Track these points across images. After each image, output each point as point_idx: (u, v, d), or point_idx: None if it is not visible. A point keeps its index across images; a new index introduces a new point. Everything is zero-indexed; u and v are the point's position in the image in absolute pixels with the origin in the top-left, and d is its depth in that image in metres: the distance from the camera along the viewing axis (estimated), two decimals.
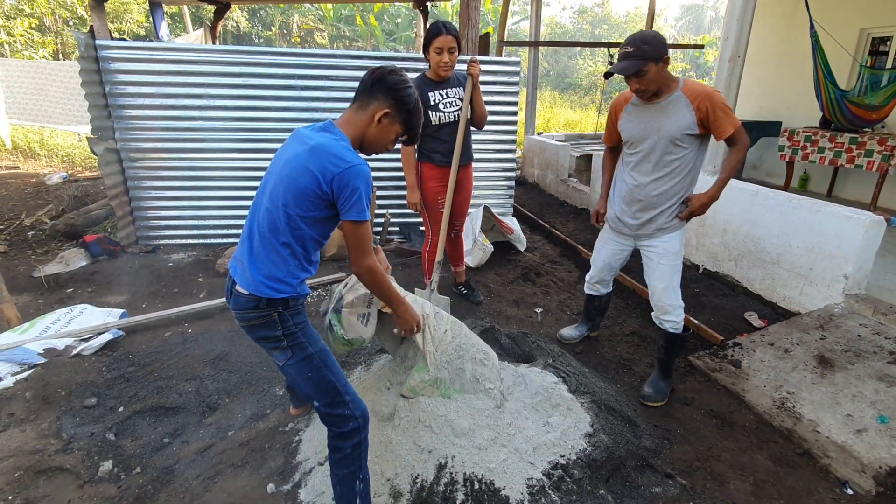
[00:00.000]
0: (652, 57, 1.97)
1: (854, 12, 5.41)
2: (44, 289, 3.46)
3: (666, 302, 2.32)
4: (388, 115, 1.49)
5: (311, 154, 1.39)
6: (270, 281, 1.45)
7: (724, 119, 2.06)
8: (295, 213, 1.41)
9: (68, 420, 2.18)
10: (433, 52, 2.71)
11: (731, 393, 2.50)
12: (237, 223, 4.37)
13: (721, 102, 2.06)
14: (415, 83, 2.71)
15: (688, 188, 2.25)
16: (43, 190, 6.27)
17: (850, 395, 2.27)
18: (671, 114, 2.13)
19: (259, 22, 20.71)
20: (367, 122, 1.49)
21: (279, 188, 1.42)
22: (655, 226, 2.30)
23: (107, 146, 3.92)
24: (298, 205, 1.40)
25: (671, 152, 2.18)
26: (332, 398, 1.53)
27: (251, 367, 2.61)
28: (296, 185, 1.39)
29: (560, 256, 4.42)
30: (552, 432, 1.94)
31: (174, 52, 3.96)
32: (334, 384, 1.53)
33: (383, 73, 1.49)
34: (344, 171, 1.36)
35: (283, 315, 1.49)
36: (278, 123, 4.20)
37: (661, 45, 2.00)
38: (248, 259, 1.48)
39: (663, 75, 2.06)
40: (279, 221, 1.42)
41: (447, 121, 2.85)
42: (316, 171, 1.37)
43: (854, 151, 4.79)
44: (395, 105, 1.49)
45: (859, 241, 2.86)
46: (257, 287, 1.44)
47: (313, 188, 1.38)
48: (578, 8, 28.59)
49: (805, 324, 2.87)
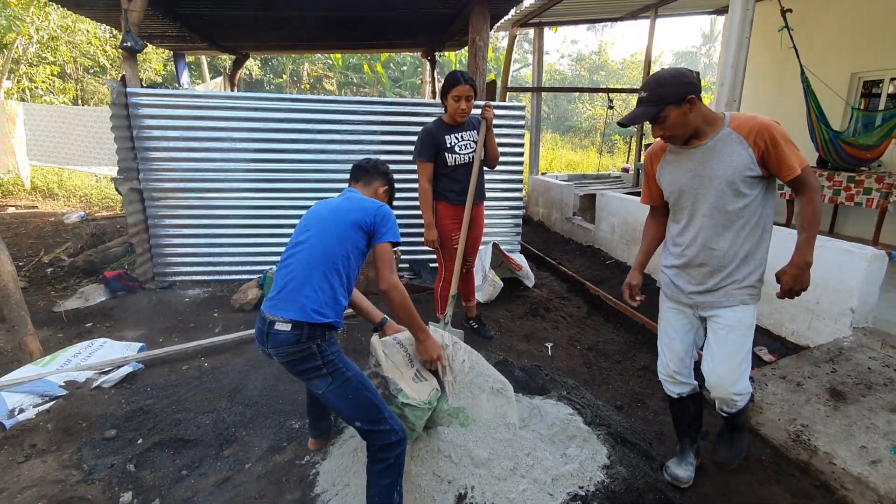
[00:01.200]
0: (670, 100, 1.66)
1: (845, 57, 5.69)
2: (64, 323, 3.53)
3: (731, 391, 1.82)
4: (385, 190, 2.14)
5: (351, 202, 1.89)
6: (319, 306, 1.66)
7: (788, 155, 1.66)
8: (347, 244, 1.77)
9: (89, 451, 2.20)
10: (451, 100, 2.87)
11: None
12: (252, 260, 4.48)
13: (782, 135, 1.66)
14: (431, 127, 2.90)
15: (758, 244, 1.83)
16: (61, 229, 6.44)
17: (864, 427, 2.28)
18: (723, 155, 1.73)
19: (271, 70, 21.66)
20: (372, 194, 2.07)
21: (332, 228, 1.79)
22: (723, 293, 1.84)
23: (131, 186, 4.09)
24: (350, 237, 1.78)
25: (731, 202, 1.76)
26: (374, 416, 1.67)
27: (267, 401, 2.64)
28: (350, 221, 1.80)
29: (568, 292, 4.48)
30: (570, 463, 1.95)
31: (198, 99, 4.20)
32: (374, 402, 1.69)
33: (377, 163, 2.14)
34: (380, 207, 1.87)
35: (321, 346, 1.67)
36: (294, 164, 4.39)
37: (681, 84, 1.66)
38: (298, 291, 1.68)
39: (695, 116, 1.70)
40: (334, 253, 1.74)
41: (462, 162, 3.00)
42: (362, 210, 1.84)
43: (852, 189, 4.92)
44: (389, 183, 2.15)
45: (862, 274, 2.93)
46: (308, 314, 1.63)
47: (363, 220, 1.81)
48: (576, 56, 29.83)
49: (815, 357, 2.90)
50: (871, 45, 5.44)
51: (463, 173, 3.00)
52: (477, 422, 1.97)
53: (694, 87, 1.67)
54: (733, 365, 1.81)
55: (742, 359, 1.82)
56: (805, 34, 5.85)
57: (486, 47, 4.66)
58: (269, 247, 4.50)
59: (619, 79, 25.38)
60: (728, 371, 1.82)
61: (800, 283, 1.75)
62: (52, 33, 11.22)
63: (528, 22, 7.33)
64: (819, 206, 1.71)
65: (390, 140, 4.54)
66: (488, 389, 2.03)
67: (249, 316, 3.73)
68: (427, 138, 2.94)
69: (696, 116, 1.71)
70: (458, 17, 5.25)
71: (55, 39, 11.63)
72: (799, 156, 1.67)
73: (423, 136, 2.96)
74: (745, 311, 1.83)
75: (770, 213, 1.82)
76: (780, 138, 1.66)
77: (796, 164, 1.66)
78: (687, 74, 1.68)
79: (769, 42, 5.62)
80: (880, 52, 5.36)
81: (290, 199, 4.45)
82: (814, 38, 5.84)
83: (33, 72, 12.05)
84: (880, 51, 5.35)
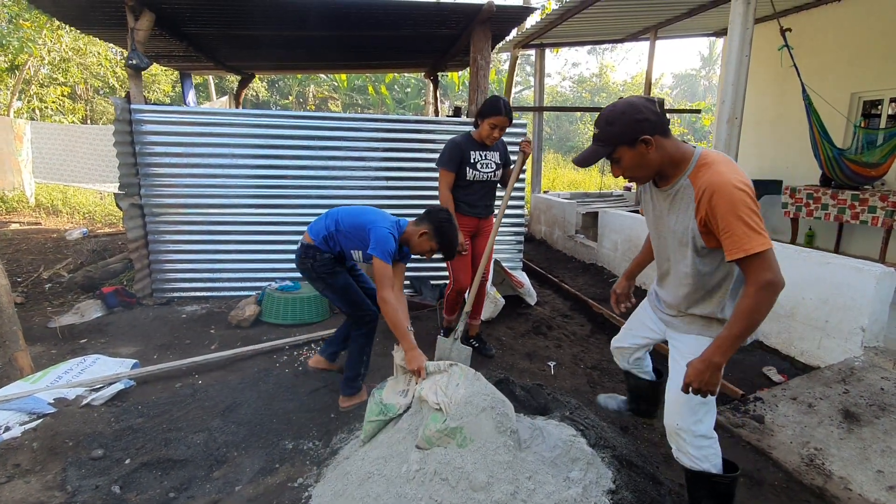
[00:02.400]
0: (622, 141, 1.42)
1: (844, 77, 5.71)
2: (58, 339, 3.48)
3: (674, 422, 1.59)
4: (425, 234, 2.40)
5: (379, 215, 2.48)
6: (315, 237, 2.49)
7: (733, 230, 1.31)
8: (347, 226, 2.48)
9: (74, 472, 2.12)
10: (487, 125, 2.95)
11: (756, 450, 2.40)
12: (251, 276, 4.44)
13: (733, 203, 1.31)
14: (460, 140, 3.03)
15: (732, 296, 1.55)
16: (63, 245, 6.44)
17: (879, 450, 2.18)
18: (678, 209, 1.50)
19: (277, 91, 22.02)
20: (414, 233, 2.41)
21: (354, 213, 2.51)
22: (688, 319, 1.65)
23: (132, 201, 4.09)
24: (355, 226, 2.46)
25: (684, 263, 1.54)
26: (353, 306, 2.56)
27: (260, 420, 2.57)
28: (361, 221, 2.43)
29: (570, 310, 4.41)
30: (573, 488, 1.86)
31: (201, 115, 4.22)
32: (353, 299, 2.54)
33: (434, 209, 2.45)
34: (377, 227, 2.35)
35: (314, 263, 2.47)
36: (295, 181, 4.38)
37: (632, 122, 1.40)
38: (310, 227, 2.54)
39: (655, 156, 1.44)
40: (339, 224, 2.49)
41: (480, 178, 3.10)
42: (371, 222, 2.40)
43: (857, 208, 4.88)
44: (433, 230, 2.39)
45: (872, 292, 2.86)
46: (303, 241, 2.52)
47: (364, 224, 2.41)
48: (578, 78, 30.25)
49: (827, 377, 2.81)
50: (870, 66, 5.47)
51: (478, 188, 3.12)
52: (475, 441, 1.89)
53: (649, 125, 1.39)
54: (680, 400, 1.57)
55: (690, 396, 1.51)
56: (805, 55, 5.89)
57: (488, 65, 4.70)
58: (270, 263, 4.46)
59: None
60: (673, 400, 1.61)
61: (702, 381, 1.42)
62: (64, 55, 11.45)
63: (530, 43, 7.43)
64: (759, 307, 1.33)
65: (391, 157, 4.54)
66: (489, 409, 1.95)
67: (247, 333, 3.67)
68: (455, 149, 3.02)
69: (657, 156, 1.44)
70: (460, 38, 5.32)
71: (66, 61, 11.87)
72: (753, 235, 1.29)
73: (450, 146, 3.04)
74: (702, 341, 1.54)
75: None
76: (728, 207, 1.31)
77: (739, 248, 1.31)
78: (642, 110, 1.40)
79: (771, 59, 5.66)
80: (879, 73, 5.38)
81: (290, 215, 4.43)
82: (813, 59, 5.89)
83: (44, 92, 12.27)
84: (879, 71, 5.38)
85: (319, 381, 2.97)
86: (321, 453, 2.30)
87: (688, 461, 1.62)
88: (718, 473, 1.61)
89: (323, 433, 2.47)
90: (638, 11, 6.33)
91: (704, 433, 1.57)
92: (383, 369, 3.07)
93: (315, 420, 2.58)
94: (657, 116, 1.41)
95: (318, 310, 3.91)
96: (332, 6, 4.39)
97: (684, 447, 1.61)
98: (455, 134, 4.56)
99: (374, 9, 4.40)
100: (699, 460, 1.59)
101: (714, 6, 5.95)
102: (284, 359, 3.27)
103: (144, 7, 4.02)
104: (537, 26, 6.57)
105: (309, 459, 2.27)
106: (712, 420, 1.59)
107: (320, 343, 3.49)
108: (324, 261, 2.46)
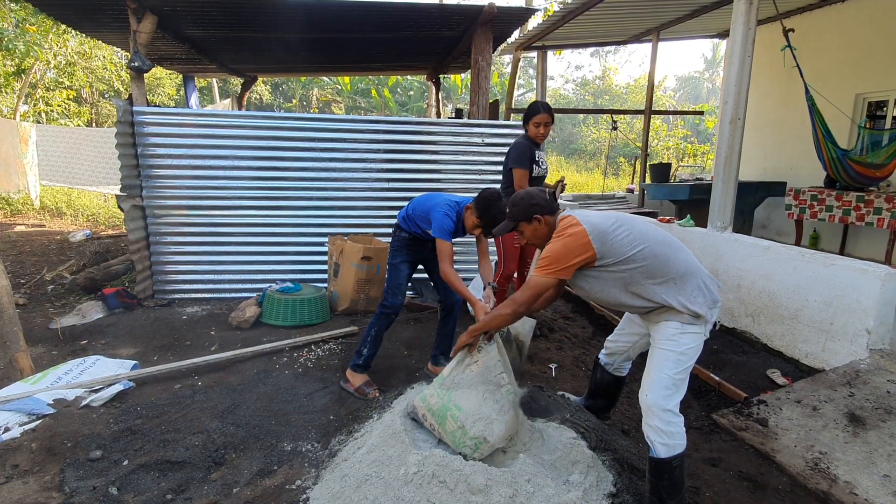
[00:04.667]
0: (521, 218, 1.99)
1: (848, 78, 5.68)
2: (59, 340, 3.48)
3: (647, 395, 1.84)
4: (470, 210, 2.64)
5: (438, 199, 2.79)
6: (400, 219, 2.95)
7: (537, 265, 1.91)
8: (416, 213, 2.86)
9: (72, 473, 2.11)
10: (532, 126, 3.31)
11: (760, 453, 2.37)
12: (253, 278, 4.44)
13: (547, 248, 1.89)
14: (524, 141, 3.39)
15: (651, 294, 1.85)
16: (66, 246, 6.46)
17: (885, 454, 2.15)
18: None
19: (281, 94, 22.11)
20: (467, 210, 2.69)
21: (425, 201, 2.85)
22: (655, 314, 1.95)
23: (134, 203, 4.09)
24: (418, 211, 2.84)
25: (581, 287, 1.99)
26: (389, 287, 2.92)
27: (259, 422, 2.55)
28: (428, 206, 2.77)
29: (573, 312, 4.38)
30: (573, 491, 1.84)
31: (203, 117, 4.23)
32: (392, 282, 2.91)
33: (486, 190, 2.61)
34: (435, 208, 2.70)
35: (393, 239, 2.98)
36: (297, 182, 4.38)
37: (528, 207, 1.97)
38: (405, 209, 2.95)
39: (544, 229, 1.98)
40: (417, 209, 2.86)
41: (539, 174, 3.41)
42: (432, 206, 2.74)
43: (862, 209, 4.84)
44: (475, 205, 2.59)
45: (877, 294, 2.82)
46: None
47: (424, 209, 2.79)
48: (580, 80, 30.24)
49: (831, 380, 2.77)
50: (874, 67, 5.44)
51: (537, 183, 3.39)
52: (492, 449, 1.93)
53: (539, 209, 1.97)
54: (653, 372, 1.87)
55: (662, 365, 1.84)
56: (808, 56, 5.87)
57: (489, 67, 4.69)
58: (271, 265, 4.46)
59: (622, 102, 25.62)
60: (648, 379, 1.88)
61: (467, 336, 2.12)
62: (70, 59, 11.53)
63: (532, 45, 7.43)
64: (509, 314, 1.99)
65: (393, 159, 4.54)
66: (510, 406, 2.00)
67: (247, 334, 3.66)
68: (526, 150, 3.31)
69: (546, 230, 2.00)
70: (462, 40, 5.32)
71: (72, 65, 11.95)
72: (539, 267, 1.89)
73: (521, 147, 3.33)
74: (668, 326, 1.87)
75: (637, 276, 1.84)
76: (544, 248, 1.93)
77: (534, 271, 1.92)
78: (535, 197, 2.00)
79: (774, 60, 5.64)
80: (884, 74, 5.35)
81: (292, 216, 4.43)
82: (817, 61, 5.86)
83: (49, 96, 12.35)
84: (884, 72, 5.35)
85: (319, 384, 2.96)
86: (319, 455, 2.29)
87: (654, 436, 1.83)
88: (678, 455, 1.81)
89: (321, 435, 2.46)
90: (640, 13, 6.32)
91: (671, 408, 1.82)
92: (392, 371, 3.06)
93: (314, 422, 2.57)
94: (546, 202, 2.00)
95: (319, 311, 3.90)
96: (333, 9, 4.41)
97: (653, 421, 1.83)
98: (456, 135, 4.58)
99: (375, 11, 4.41)
100: (666, 435, 1.80)
101: (716, 7, 5.93)
102: (284, 360, 3.26)
103: (147, 10, 4.04)
104: (539, 28, 6.56)
105: (307, 461, 2.25)
106: (679, 397, 1.84)
107: (320, 344, 3.48)
108: (400, 238, 2.91)
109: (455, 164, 4.63)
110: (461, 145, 4.61)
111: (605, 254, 1.82)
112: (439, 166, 4.63)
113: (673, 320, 1.86)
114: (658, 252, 1.84)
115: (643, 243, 1.83)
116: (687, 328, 1.84)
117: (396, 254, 2.91)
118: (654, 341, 1.94)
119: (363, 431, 2.31)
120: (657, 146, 15.98)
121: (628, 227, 1.86)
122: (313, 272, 4.51)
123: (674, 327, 1.85)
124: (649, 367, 1.91)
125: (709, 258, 3.95)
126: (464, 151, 4.62)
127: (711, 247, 3.93)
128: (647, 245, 1.83)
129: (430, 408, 2.05)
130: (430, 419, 2.05)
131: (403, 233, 2.90)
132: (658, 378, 1.84)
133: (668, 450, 1.79)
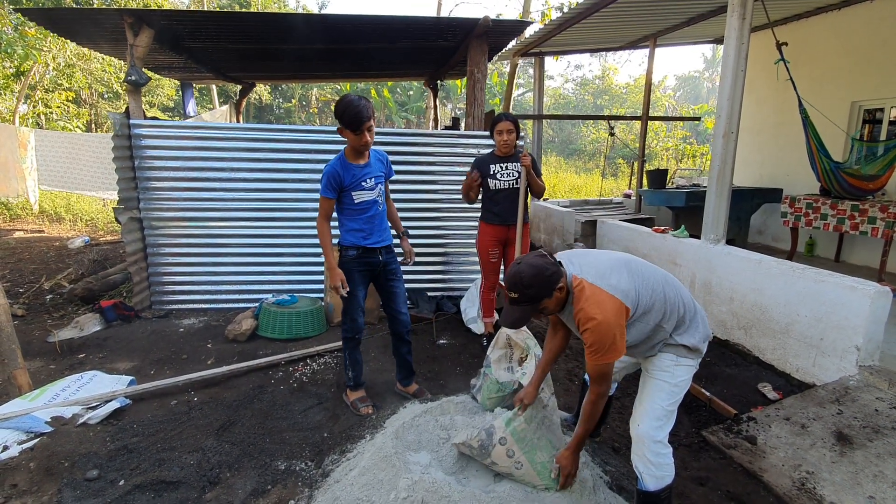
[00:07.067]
0: (544, 295, 1.71)
1: (844, 86, 5.69)
2: (57, 354, 3.51)
3: (638, 425, 1.84)
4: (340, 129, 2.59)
5: None
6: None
7: (587, 353, 1.71)
8: None
9: (69, 493, 2.15)
10: (496, 134, 3.35)
11: (747, 472, 2.40)
12: (249, 289, 4.47)
13: (589, 339, 1.67)
14: (484, 156, 3.51)
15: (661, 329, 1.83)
16: (65, 254, 6.49)
17: (871, 475, 2.18)
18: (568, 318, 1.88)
19: (280, 95, 22.12)
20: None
21: None
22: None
23: (131, 215, 4.12)
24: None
25: None
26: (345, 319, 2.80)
27: (254, 439, 2.58)
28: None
29: None
30: None
31: (200, 130, 4.26)
32: (350, 310, 2.76)
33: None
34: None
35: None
36: (293, 194, 4.41)
37: (546, 280, 1.70)
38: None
39: (563, 296, 1.77)
40: None
41: (502, 188, 3.40)
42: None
43: (857, 218, 4.85)
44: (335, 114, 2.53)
45: (867, 311, 2.85)
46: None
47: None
48: (580, 80, 30.21)
49: (821, 397, 2.80)
50: (870, 74, 5.45)
51: (503, 198, 3.41)
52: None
53: (558, 276, 1.73)
54: (646, 403, 1.88)
55: (655, 397, 1.85)
56: (804, 64, 5.88)
57: (485, 79, 4.71)
58: (268, 276, 4.49)
59: (622, 102, 25.61)
60: (640, 409, 1.89)
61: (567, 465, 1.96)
62: (69, 61, 11.55)
63: (529, 52, 7.44)
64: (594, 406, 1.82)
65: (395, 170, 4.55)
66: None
67: (243, 347, 3.69)
68: (478, 161, 3.47)
69: (565, 293, 1.78)
70: (458, 50, 5.33)
71: (71, 67, 11.96)
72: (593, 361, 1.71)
73: (476, 159, 3.50)
74: (664, 357, 1.87)
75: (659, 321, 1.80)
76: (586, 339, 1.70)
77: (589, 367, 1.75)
78: (546, 268, 1.71)
79: (769, 70, 5.65)
80: (880, 81, 5.36)
81: (288, 228, 4.45)
82: (812, 68, 5.87)
83: (49, 97, 12.36)
84: (880, 79, 5.35)
85: (313, 399, 2.99)
86: (313, 475, 2.32)
87: (643, 467, 1.83)
88: (667, 486, 1.83)
89: (315, 453, 2.49)
90: (637, 20, 6.32)
91: (661, 440, 1.83)
92: (389, 385, 3.10)
93: (308, 440, 2.60)
94: (555, 265, 1.75)
95: (315, 324, 3.93)
96: (329, 23, 4.42)
97: (643, 451, 1.83)
98: (452, 146, 4.60)
99: (372, 25, 4.42)
100: (655, 467, 1.81)
101: (713, 15, 5.94)
102: (280, 375, 3.29)
103: (143, 24, 4.06)
104: (536, 35, 6.57)
105: (301, 481, 2.28)
106: (669, 427, 1.86)
107: (315, 358, 3.51)
108: (347, 258, 2.72)
109: (451, 176, 4.65)
110: (457, 157, 4.63)
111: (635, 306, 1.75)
112: (435, 177, 4.65)
113: (669, 352, 1.87)
114: (668, 294, 1.83)
115: (653, 288, 1.81)
116: (682, 360, 1.86)
117: (347, 282, 2.64)
118: (647, 371, 1.93)
119: (356, 452, 2.34)
120: (656, 147, 15.96)
121: (639, 276, 1.81)
122: (310, 283, 4.54)
123: (669, 359, 1.86)
124: (642, 396, 1.91)
125: (702, 270, 3.97)
126: (459, 163, 4.64)
127: (704, 259, 3.95)
128: (657, 289, 1.81)
129: (520, 438, 2.01)
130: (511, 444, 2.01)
131: (350, 251, 2.70)
132: (651, 409, 1.85)
133: (657, 482, 1.81)
